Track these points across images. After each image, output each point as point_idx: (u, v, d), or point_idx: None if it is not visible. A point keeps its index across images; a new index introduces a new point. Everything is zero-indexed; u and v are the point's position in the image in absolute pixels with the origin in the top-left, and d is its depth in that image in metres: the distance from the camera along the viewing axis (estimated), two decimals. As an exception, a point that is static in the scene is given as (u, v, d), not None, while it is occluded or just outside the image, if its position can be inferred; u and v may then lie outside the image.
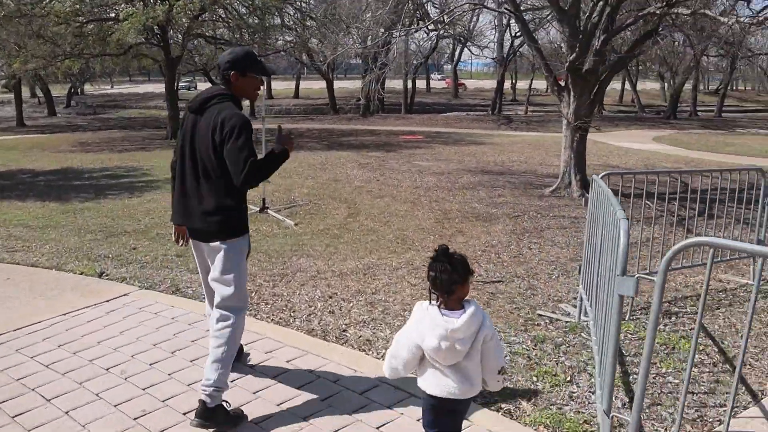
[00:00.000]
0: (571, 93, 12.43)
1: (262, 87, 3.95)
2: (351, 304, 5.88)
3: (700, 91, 46.46)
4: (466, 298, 2.84)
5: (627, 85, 52.52)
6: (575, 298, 6.32)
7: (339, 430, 3.70)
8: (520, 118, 36.64)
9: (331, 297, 6.10)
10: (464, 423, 3.55)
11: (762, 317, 5.80)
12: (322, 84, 45.22)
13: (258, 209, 10.06)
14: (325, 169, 15.40)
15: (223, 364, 3.62)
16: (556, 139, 26.31)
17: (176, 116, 23.88)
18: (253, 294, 6.09)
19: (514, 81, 56.77)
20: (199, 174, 3.66)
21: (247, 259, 3.90)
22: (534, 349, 4.99)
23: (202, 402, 3.58)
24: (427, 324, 2.78)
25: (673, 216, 9.65)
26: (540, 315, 5.77)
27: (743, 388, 4.41)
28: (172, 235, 4.14)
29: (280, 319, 5.52)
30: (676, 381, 4.46)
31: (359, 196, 11.98)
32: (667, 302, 6.17)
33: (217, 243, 3.69)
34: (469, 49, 39.58)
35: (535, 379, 4.46)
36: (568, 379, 4.47)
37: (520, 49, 41.77)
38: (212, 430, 3.61)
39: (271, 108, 42.11)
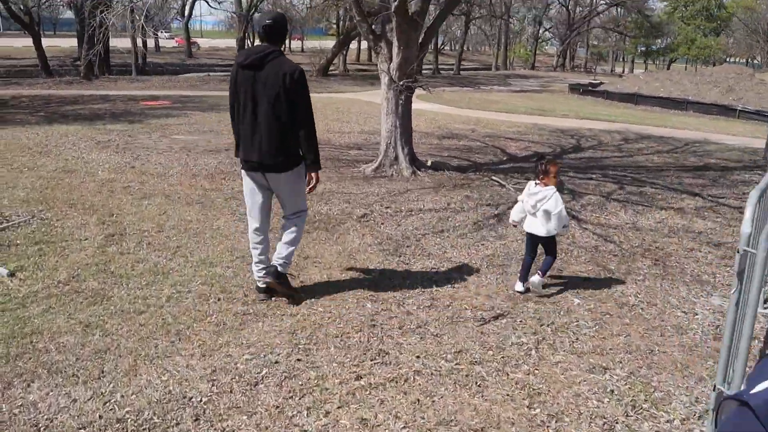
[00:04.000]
0: (395, 44, 9.30)
1: None
2: None
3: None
4: (550, 185, 4.74)
5: (363, 45, 51.40)
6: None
7: None
8: (272, 78, 32.81)
9: None
10: None
11: None
12: (27, 41, 36.36)
13: (-71, 246, 5.33)
14: (49, 153, 10.36)
15: (292, 245, 4.56)
16: (325, 101, 23.31)
17: None
18: None
19: (252, 39, 52.34)
20: (266, 118, 4.22)
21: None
22: None
23: (275, 267, 4.50)
24: (526, 189, 4.88)
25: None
26: None
27: None
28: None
29: None
30: None
31: (113, 197, 7.60)
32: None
33: (286, 173, 4.35)
34: (207, 2, 34.39)
35: None
36: None
37: (260, 4, 37.91)
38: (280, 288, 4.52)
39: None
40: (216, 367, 3.59)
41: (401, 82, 9.38)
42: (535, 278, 4.93)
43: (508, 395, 3.43)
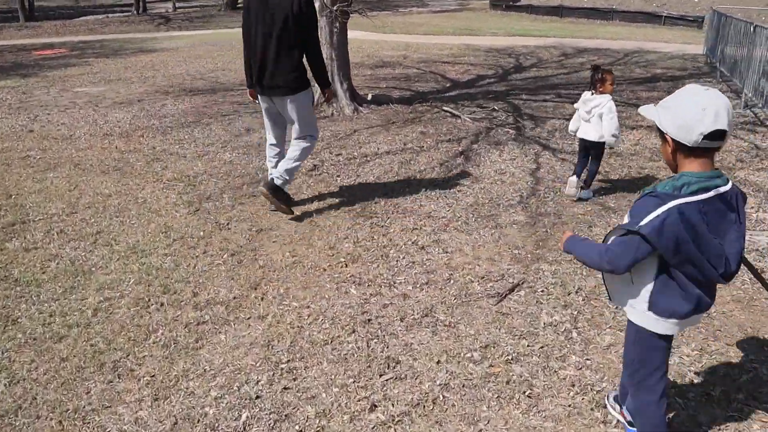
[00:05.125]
0: (325, -39, 8.03)
1: None
2: None
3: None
4: (606, 94, 4.87)
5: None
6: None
7: None
8: (178, 15, 30.11)
9: None
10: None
11: None
12: None
13: None
14: (-75, 123, 8.68)
15: (294, 165, 4.71)
16: (238, 37, 21.17)
17: None
18: None
19: (149, -25, 48.24)
20: (275, 42, 4.38)
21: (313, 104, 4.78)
22: None
23: (272, 180, 4.68)
24: (582, 98, 5.04)
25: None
26: None
27: None
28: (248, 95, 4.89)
29: None
30: None
31: (9, 171, 6.24)
32: None
33: (295, 95, 4.50)
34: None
35: None
36: None
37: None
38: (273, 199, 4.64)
39: None
40: (177, 416, 2.60)
41: (335, 7, 8.17)
42: (584, 193, 5.19)
43: (570, 406, 2.61)
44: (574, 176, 5.13)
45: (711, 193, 1.90)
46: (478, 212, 4.93)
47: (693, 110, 1.88)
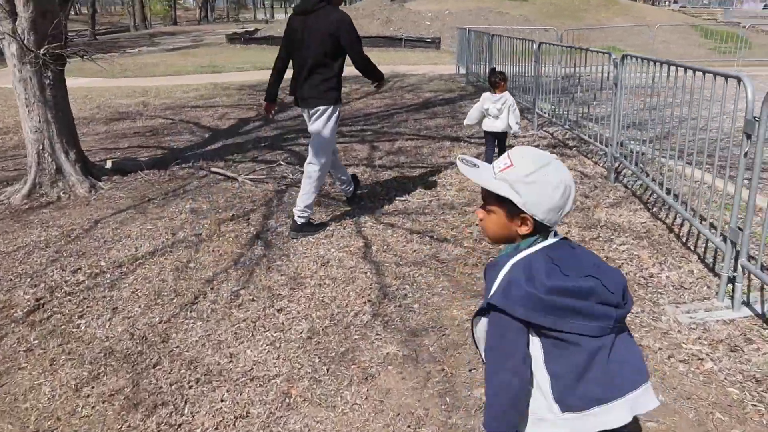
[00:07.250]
0: (16, -8, 5.57)
1: None
2: None
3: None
4: (505, 91, 5.78)
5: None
6: None
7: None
8: None
9: None
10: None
11: None
12: None
13: None
14: None
15: (305, 195, 4.70)
16: None
17: None
18: None
19: None
20: (311, 59, 4.49)
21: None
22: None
23: (294, 220, 4.76)
24: (485, 97, 5.82)
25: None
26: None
27: None
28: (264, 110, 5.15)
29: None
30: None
31: None
32: None
33: (316, 108, 4.56)
34: None
35: None
36: None
37: None
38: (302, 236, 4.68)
39: None
40: None
41: (42, 51, 5.74)
42: None
43: None
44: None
45: (551, 240, 1.57)
46: (325, 351, 3.11)
47: (559, 192, 1.54)
